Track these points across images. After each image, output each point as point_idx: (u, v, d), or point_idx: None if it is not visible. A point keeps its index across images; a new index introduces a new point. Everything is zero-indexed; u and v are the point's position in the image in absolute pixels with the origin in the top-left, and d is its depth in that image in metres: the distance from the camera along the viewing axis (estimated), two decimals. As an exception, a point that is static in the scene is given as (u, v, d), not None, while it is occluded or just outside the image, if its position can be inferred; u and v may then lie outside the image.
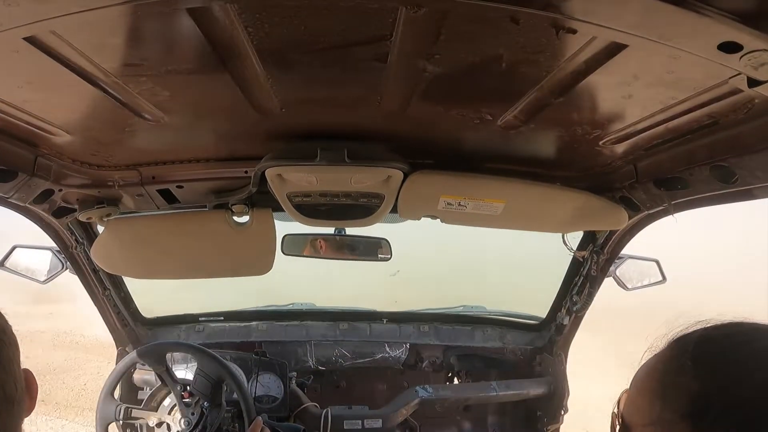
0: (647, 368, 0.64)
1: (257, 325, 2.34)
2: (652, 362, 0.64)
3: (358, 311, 2.54)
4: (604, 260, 1.80)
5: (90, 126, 1.13)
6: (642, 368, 0.65)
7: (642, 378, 0.64)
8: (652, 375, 0.63)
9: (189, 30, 0.72)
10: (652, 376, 0.63)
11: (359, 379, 2.40)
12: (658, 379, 0.61)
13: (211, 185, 1.50)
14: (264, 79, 0.89)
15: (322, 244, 1.98)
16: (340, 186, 1.32)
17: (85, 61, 0.79)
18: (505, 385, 2.16)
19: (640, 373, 0.65)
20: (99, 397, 1.83)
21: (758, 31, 0.59)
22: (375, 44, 0.78)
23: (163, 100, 0.97)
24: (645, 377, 0.64)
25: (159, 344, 1.88)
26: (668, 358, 0.62)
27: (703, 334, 0.60)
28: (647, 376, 0.63)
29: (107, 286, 1.94)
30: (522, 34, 0.72)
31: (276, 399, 2.02)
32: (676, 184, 1.19)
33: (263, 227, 1.59)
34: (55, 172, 1.26)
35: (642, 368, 0.65)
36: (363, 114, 1.10)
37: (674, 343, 0.63)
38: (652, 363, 0.64)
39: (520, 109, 1.00)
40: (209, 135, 1.26)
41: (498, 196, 1.37)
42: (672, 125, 0.99)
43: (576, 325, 2.09)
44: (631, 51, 0.72)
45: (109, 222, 1.57)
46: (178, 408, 1.84)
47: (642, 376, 0.64)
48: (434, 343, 2.36)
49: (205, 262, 1.72)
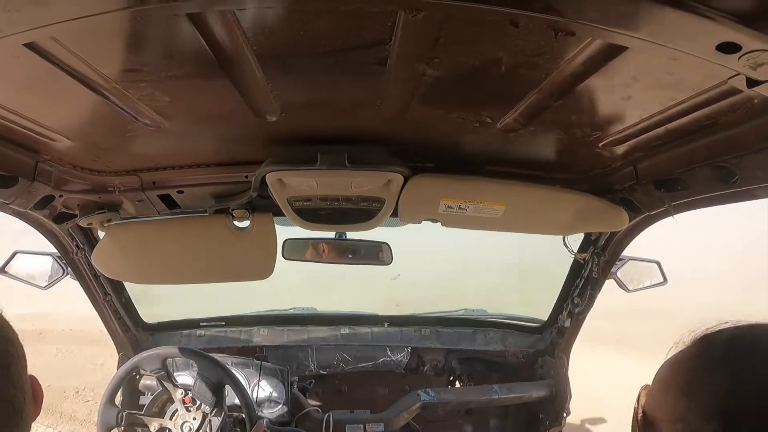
0: (672, 364, 0.63)
1: (258, 330, 2.33)
2: (677, 358, 0.62)
3: (359, 315, 2.54)
4: (605, 262, 1.79)
5: (90, 132, 1.13)
6: (666, 364, 0.64)
7: (666, 374, 0.63)
8: (677, 372, 0.61)
9: (189, 35, 0.72)
10: (677, 372, 0.61)
11: (361, 384, 2.40)
12: (684, 377, 0.60)
13: (212, 190, 1.50)
14: (264, 84, 0.90)
15: (323, 249, 1.98)
16: (341, 190, 1.32)
17: (85, 67, 0.80)
18: (506, 388, 2.15)
19: (664, 368, 0.64)
20: (100, 403, 1.82)
21: (757, 32, 0.59)
22: (374, 48, 0.78)
23: (163, 105, 0.97)
24: (669, 373, 0.62)
25: (159, 349, 1.87)
26: (695, 356, 0.60)
27: (734, 333, 0.59)
28: (672, 373, 0.62)
29: (108, 292, 1.94)
30: (521, 37, 0.72)
31: (278, 404, 2.02)
32: (677, 185, 1.19)
33: (264, 232, 1.59)
34: (55, 177, 1.26)
35: (666, 364, 0.64)
36: (363, 118, 1.10)
37: (702, 341, 0.61)
38: (678, 359, 0.62)
39: (520, 112, 1.01)
40: (209, 140, 1.26)
41: (498, 199, 1.37)
42: (671, 126, 0.99)
43: (577, 328, 2.09)
44: (629, 53, 0.72)
45: (109, 227, 1.57)
46: (179, 413, 1.83)
47: (666, 372, 0.63)
48: (436, 346, 2.36)
49: (206, 267, 1.72)
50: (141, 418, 1.86)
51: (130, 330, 2.12)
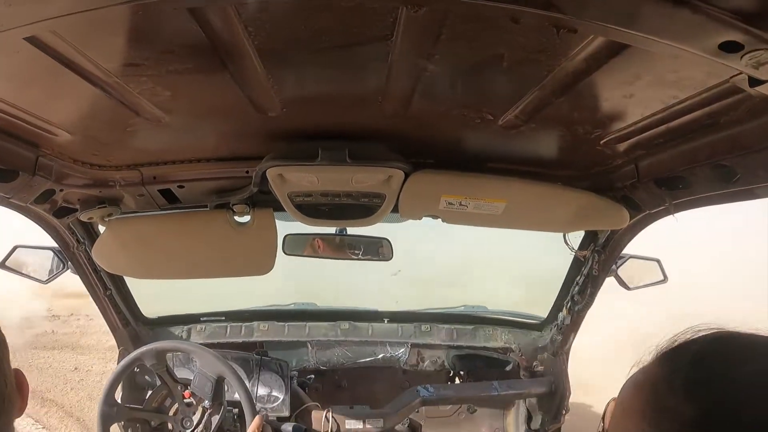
0: (634, 385, 0.57)
1: (258, 325, 2.34)
2: (639, 379, 0.57)
3: (359, 311, 2.54)
4: (606, 260, 1.79)
5: (91, 126, 1.13)
6: (628, 385, 0.58)
7: (628, 397, 0.57)
8: (639, 395, 0.56)
9: (190, 30, 0.72)
10: (639, 396, 0.55)
11: (361, 379, 2.41)
12: (646, 401, 0.54)
13: (213, 185, 1.50)
14: (265, 79, 0.90)
15: (323, 244, 1.98)
16: (342, 186, 1.32)
17: (85, 61, 0.80)
18: (506, 385, 2.16)
19: (625, 389, 0.58)
20: (100, 398, 1.83)
21: (759, 31, 0.58)
22: (376, 44, 0.78)
23: (164, 100, 0.97)
24: (631, 397, 0.57)
25: (158, 344, 1.88)
26: (659, 378, 0.54)
27: (701, 350, 0.53)
28: (634, 396, 0.56)
29: (108, 286, 1.94)
30: (522, 34, 0.72)
31: (277, 399, 2.03)
32: (678, 184, 1.19)
33: (264, 227, 1.60)
34: (56, 172, 1.26)
35: (628, 385, 0.58)
36: (364, 114, 1.10)
37: (664, 361, 0.55)
38: (640, 380, 0.57)
39: (521, 109, 1.00)
40: (210, 135, 1.26)
41: (499, 195, 1.37)
42: (673, 125, 0.99)
43: (577, 325, 2.09)
44: (631, 50, 0.72)
45: (110, 222, 1.57)
46: (179, 408, 1.84)
47: (628, 395, 0.57)
48: (435, 342, 2.36)
49: (207, 262, 1.72)
50: (141, 414, 1.86)
51: (130, 324, 2.12)
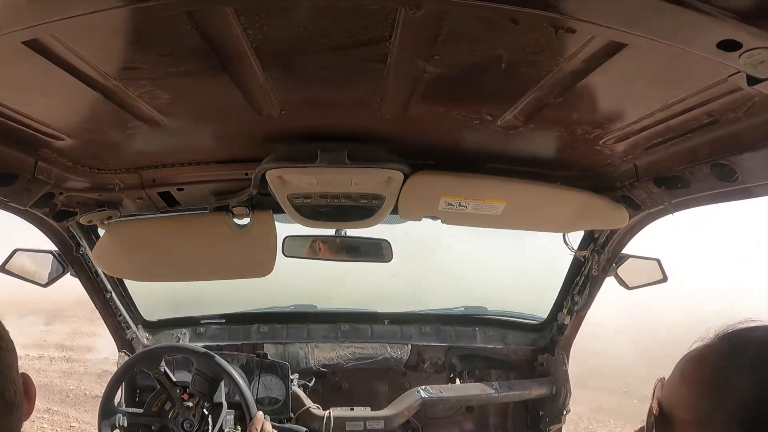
0: (696, 359, 0.59)
1: (258, 327, 2.33)
2: (702, 353, 0.59)
3: (359, 312, 2.54)
4: (605, 260, 1.79)
5: (90, 129, 1.13)
6: (689, 357, 0.60)
7: (689, 368, 0.59)
8: (702, 367, 0.58)
9: (188, 33, 0.72)
10: (702, 368, 0.58)
11: (361, 381, 2.40)
12: (710, 374, 0.56)
13: (212, 187, 1.50)
14: (264, 81, 0.90)
15: (323, 246, 1.97)
16: (341, 187, 1.32)
17: (84, 65, 0.80)
18: (507, 386, 2.16)
19: (686, 362, 0.60)
20: (100, 403, 1.82)
21: (757, 29, 0.59)
22: (374, 45, 0.78)
23: (163, 103, 0.97)
24: (693, 368, 0.59)
25: (154, 348, 1.87)
26: (724, 354, 0.56)
27: (763, 335, 0.56)
28: (696, 368, 0.59)
29: (109, 289, 1.94)
30: (521, 34, 0.72)
31: (278, 401, 2.02)
32: (677, 183, 1.19)
33: (264, 229, 1.59)
34: (55, 175, 1.26)
35: (689, 357, 0.60)
36: (363, 115, 1.10)
37: (730, 338, 0.57)
38: (703, 354, 0.59)
39: (520, 110, 1.01)
40: (209, 137, 1.26)
41: (499, 196, 1.37)
42: (672, 124, 0.99)
43: (577, 325, 2.09)
44: (630, 50, 0.72)
45: (110, 225, 1.57)
46: (179, 411, 1.83)
47: (689, 366, 0.59)
48: (436, 343, 2.36)
49: (206, 264, 1.72)
50: (141, 418, 1.85)
51: (130, 327, 2.12)
